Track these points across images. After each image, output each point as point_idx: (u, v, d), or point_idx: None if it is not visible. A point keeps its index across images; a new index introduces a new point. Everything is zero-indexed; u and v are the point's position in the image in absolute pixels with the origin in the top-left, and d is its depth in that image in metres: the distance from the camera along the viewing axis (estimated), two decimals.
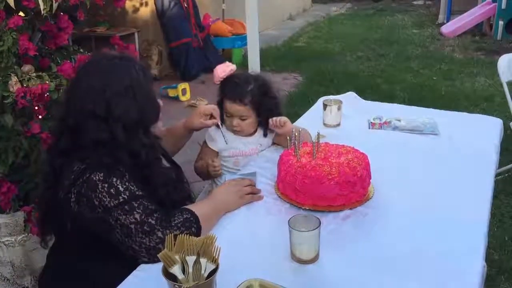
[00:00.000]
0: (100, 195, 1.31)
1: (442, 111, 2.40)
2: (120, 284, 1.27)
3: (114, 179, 1.32)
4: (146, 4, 6.05)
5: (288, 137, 1.69)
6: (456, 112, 2.40)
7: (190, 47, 5.96)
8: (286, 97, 5.03)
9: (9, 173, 1.98)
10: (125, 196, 1.32)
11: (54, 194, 1.41)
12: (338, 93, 2.72)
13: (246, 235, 1.45)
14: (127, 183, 1.33)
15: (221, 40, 6.49)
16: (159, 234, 1.33)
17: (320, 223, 1.31)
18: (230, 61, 6.41)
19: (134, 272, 1.31)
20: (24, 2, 1.65)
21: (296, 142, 1.62)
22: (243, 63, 5.84)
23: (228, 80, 1.95)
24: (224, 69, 2.02)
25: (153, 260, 1.31)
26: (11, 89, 1.72)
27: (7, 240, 1.99)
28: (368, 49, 7.22)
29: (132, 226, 1.33)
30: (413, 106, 2.49)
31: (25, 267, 2.05)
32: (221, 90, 1.94)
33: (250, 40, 5.57)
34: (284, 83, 5.80)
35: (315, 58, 6.74)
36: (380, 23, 9.20)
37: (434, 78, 5.71)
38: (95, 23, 6.13)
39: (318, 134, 1.67)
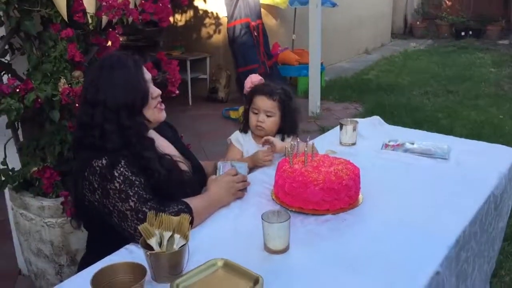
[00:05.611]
0: (98, 179, 1.52)
1: (465, 140, 2.43)
2: (113, 253, 1.49)
3: (110, 165, 1.52)
4: (219, 31, 6.48)
5: (286, 147, 1.84)
6: (479, 142, 2.41)
7: (257, 73, 6.25)
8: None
9: (58, 163, 2.29)
10: (119, 181, 1.51)
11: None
12: (394, 124, 2.77)
13: (230, 226, 1.63)
14: (121, 169, 1.52)
15: (287, 68, 6.75)
16: None
17: (289, 217, 1.46)
18: (295, 88, 6.67)
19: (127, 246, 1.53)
20: (75, 17, 1.96)
21: (291, 151, 1.78)
22: (307, 91, 6.04)
23: (259, 84, 2.24)
24: (254, 78, 2.29)
25: None
26: (59, 90, 2.04)
27: (49, 221, 2.29)
28: (437, 85, 7.14)
29: (128, 212, 1.52)
30: (437, 133, 2.54)
31: (62, 247, 2.34)
32: (252, 92, 2.20)
33: (311, 70, 5.80)
34: (343, 112, 5.91)
35: (381, 90, 6.79)
36: (457, 61, 9.02)
37: (501, 116, 5.55)
38: (173, 47, 6.64)
39: (313, 145, 1.81)
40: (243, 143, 2.23)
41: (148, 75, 1.71)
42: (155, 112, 1.72)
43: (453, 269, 1.50)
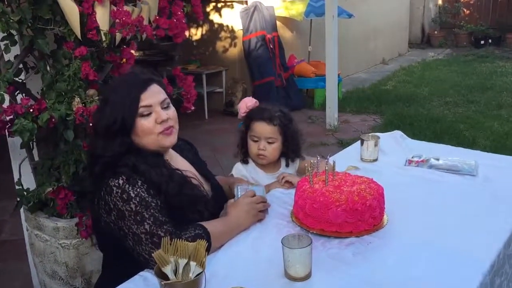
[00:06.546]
0: (114, 199, 1.47)
1: (491, 154, 2.33)
2: (127, 281, 1.43)
3: (127, 186, 1.47)
4: (235, 45, 6.46)
5: (305, 165, 1.77)
6: (507, 156, 2.31)
7: (273, 86, 6.22)
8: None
9: (73, 183, 2.25)
10: (135, 202, 1.46)
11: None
12: (414, 136, 2.68)
13: (249, 250, 1.55)
14: (138, 190, 1.47)
15: (304, 81, 6.68)
16: None
17: (311, 242, 1.38)
18: (312, 101, 6.60)
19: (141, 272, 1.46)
20: (88, 35, 1.93)
21: (311, 170, 1.70)
22: (324, 104, 5.97)
23: (255, 108, 2.07)
24: (249, 102, 2.10)
25: None
26: (73, 109, 2.00)
27: (63, 243, 2.24)
28: (458, 95, 7.01)
29: (143, 236, 1.46)
30: (462, 148, 2.44)
31: (77, 269, 2.28)
32: (248, 117, 2.05)
33: (328, 82, 5.72)
34: (362, 124, 5.82)
35: (399, 101, 6.68)
36: (478, 70, 8.86)
37: None
38: (188, 61, 6.64)
39: (334, 163, 1.74)
40: (248, 175, 2.08)
41: (152, 99, 1.59)
42: (159, 138, 1.61)
43: None
